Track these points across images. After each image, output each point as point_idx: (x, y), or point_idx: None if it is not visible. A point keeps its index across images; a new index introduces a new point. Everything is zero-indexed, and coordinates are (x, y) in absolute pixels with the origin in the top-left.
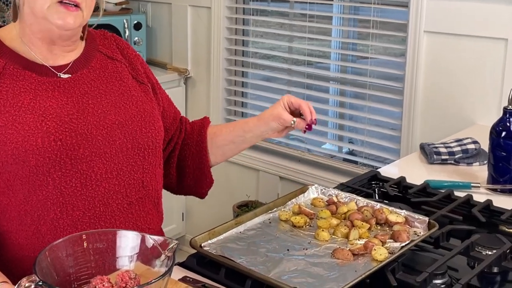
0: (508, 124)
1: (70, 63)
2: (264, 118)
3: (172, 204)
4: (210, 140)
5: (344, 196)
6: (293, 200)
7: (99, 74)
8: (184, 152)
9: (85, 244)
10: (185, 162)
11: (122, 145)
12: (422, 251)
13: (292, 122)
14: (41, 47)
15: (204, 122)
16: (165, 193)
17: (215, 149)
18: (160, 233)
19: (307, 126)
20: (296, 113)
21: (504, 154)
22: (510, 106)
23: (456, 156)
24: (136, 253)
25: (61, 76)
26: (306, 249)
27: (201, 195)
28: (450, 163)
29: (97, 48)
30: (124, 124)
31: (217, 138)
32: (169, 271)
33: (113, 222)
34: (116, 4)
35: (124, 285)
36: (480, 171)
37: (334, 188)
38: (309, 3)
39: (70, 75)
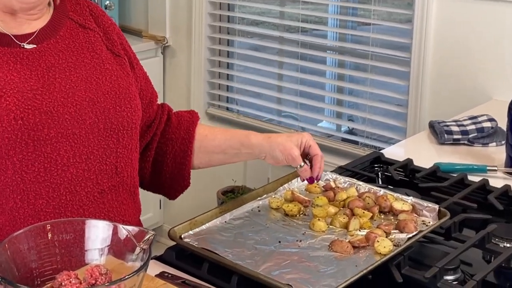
0: None
1: (35, 31)
2: (272, 143)
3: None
4: (199, 142)
5: (343, 181)
6: (286, 185)
7: (68, 44)
8: (165, 148)
9: (49, 236)
10: (164, 159)
11: (93, 125)
12: (431, 243)
13: (299, 166)
14: (2, 14)
15: (193, 118)
16: None
17: (202, 154)
18: (138, 225)
19: (309, 179)
20: (305, 155)
21: None
22: None
23: (470, 136)
24: (108, 246)
25: (25, 47)
26: (300, 241)
27: (173, 197)
28: (463, 144)
29: (67, 15)
30: (95, 102)
31: (208, 143)
32: (144, 266)
33: (81, 212)
34: None
35: (93, 281)
36: (497, 152)
37: (331, 172)
38: None
39: (35, 46)
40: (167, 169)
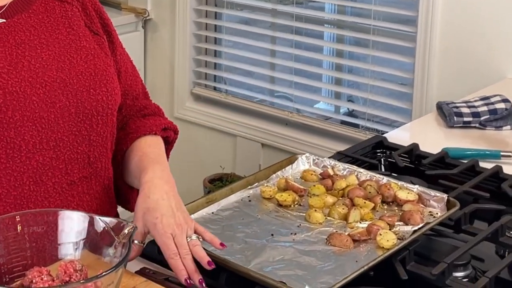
0: None
1: (5, 5)
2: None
3: None
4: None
5: (342, 168)
6: (279, 173)
7: (42, 19)
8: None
9: (19, 228)
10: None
11: (64, 109)
12: (439, 237)
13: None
14: None
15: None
16: None
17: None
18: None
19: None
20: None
21: None
22: None
23: (482, 118)
24: (83, 239)
25: None
26: (295, 234)
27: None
28: (475, 127)
29: None
30: (67, 83)
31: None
32: (123, 262)
33: (46, 205)
34: None
35: (67, 278)
36: None
37: (329, 158)
38: None
39: (4, 21)
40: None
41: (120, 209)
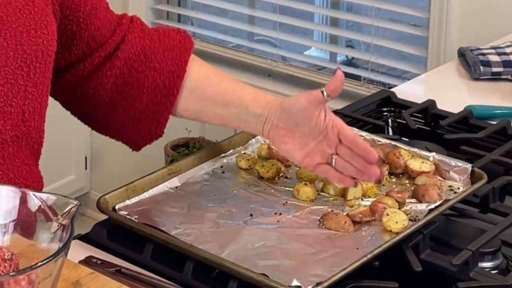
0: None
1: None
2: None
3: (70, 143)
4: (195, 82)
5: None
6: (259, 137)
7: None
8: (142, 78)
9: None
10: (138, 93)
11: (1, 51)
12: (461, 217)
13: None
14: None
15: (186, 44)
16: (57, 129)
17: (195, 99)
18: None
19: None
20: None
21: None
22: None
23: None
24: (13, 221)
25: None
26: (280, 213)
27: (137, 147)
28: (506, 79)
29: None
30: (5, 21)
31: (209, 87)
32: (64, 249)
33: None
34: None
35: None
36: None
37: None
38: None
39: None
40: (139, 107)
41: (51, 185)
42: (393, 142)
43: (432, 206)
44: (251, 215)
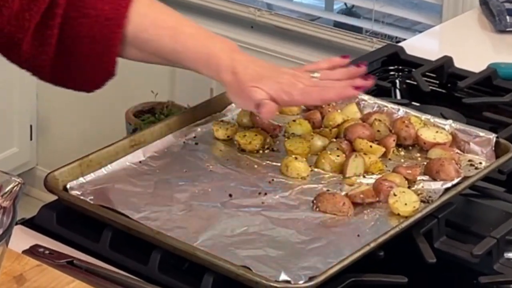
0: None
1: None
2: None
3: (12, 109)
4: (134, 31)
5: None
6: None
7: None
8: (78, 26)
9: None
10: (77, 39)
11: None
12: (484, 199)
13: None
14: None
15: None
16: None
17: (135, 50)
18: None
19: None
20: None
21: None
22: None
23: None
24: None
25: None
26: (265, 194)
27: (89, 88)
28: None
29: None
30: None
31: (144, 39)
32: (5, 236)
33: None
34: None
35: None
36: None
37: None
38: None
39: None
40: (83, 51)
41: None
42: (401, 108)
43: (449, 184)
44: (230, 195)
